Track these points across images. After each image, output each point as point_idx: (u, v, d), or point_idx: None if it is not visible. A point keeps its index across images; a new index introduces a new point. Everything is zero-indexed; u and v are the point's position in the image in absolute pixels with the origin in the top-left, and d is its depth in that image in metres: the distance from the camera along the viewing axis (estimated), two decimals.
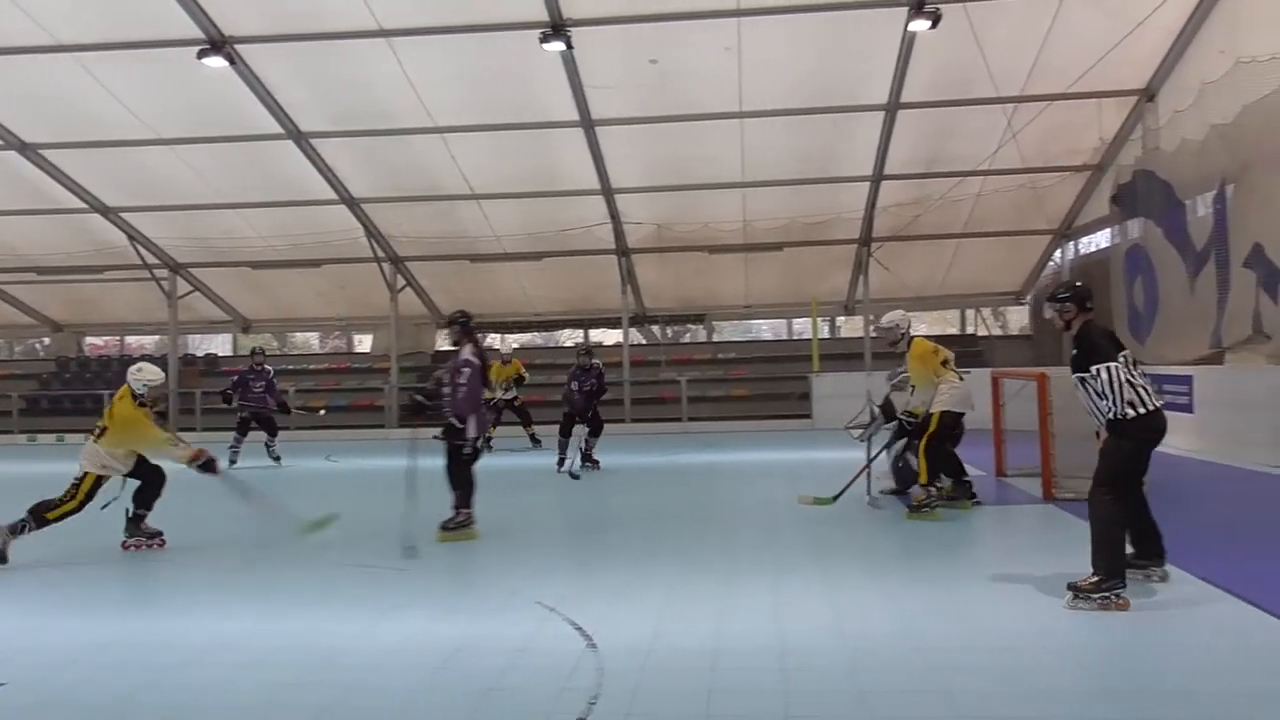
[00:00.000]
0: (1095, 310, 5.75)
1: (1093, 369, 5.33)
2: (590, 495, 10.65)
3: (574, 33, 13.79)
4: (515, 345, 20.36)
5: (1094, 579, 5.19)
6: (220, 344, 26.95)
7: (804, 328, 23.43)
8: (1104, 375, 5.27)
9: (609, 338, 23.85)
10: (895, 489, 9.22)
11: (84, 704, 4.26)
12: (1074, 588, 5.24)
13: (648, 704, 4.04)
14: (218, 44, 14.13)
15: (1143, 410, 5.29)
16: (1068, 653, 4.62)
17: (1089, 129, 16.25)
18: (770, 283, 21.45)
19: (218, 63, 14.33)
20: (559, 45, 13.83)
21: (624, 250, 20.12)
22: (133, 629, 5.53)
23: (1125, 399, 5.24)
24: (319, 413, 16.71)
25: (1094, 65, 13.97)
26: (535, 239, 19.85)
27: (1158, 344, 14.65)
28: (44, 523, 7.29)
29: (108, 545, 7.63)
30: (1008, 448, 10.53)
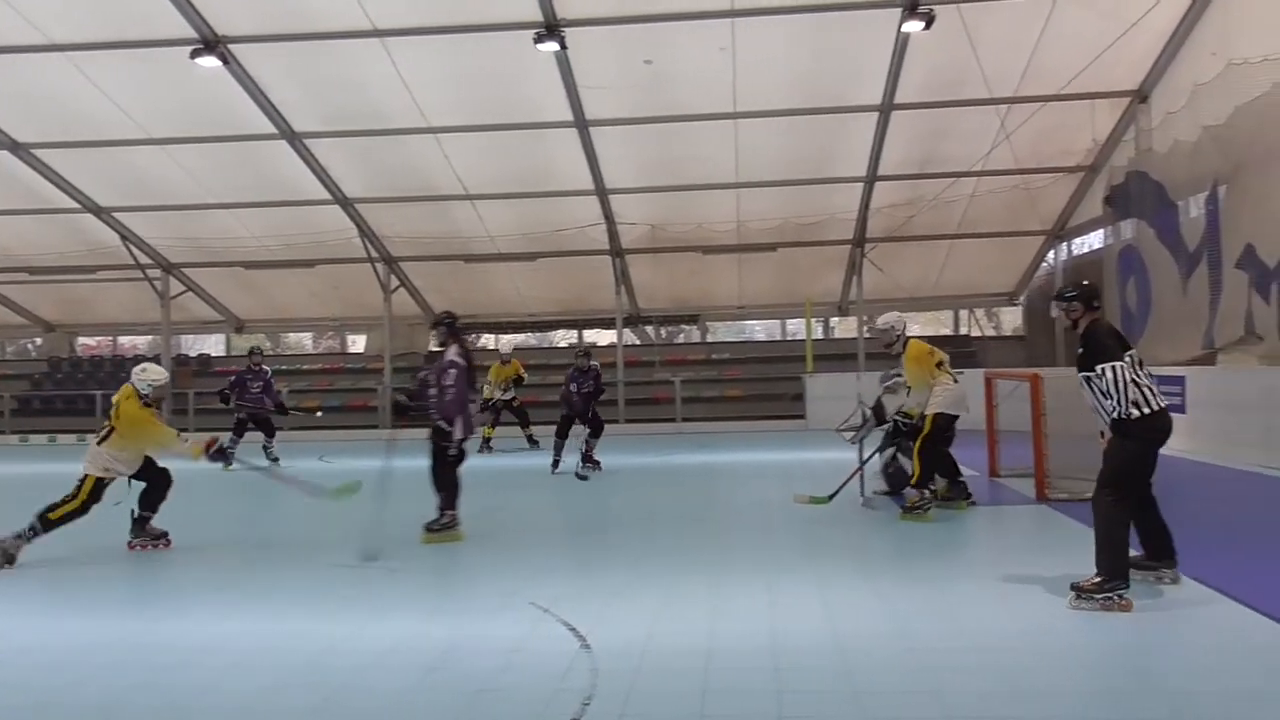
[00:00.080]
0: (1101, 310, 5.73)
1: (1098, 368, 5.32)
2: (585, 496, 10.65)
3: (568, 33, 13.77)
4: (515, 345, 20.34)
5: (1097, 579, 5.20)
6: (213, 344, 26.87)
7: (798, 328, 23.49)
8: (1109, 375, 5.27)
9: (603, 338, 23.83)
10: (888, 491, 9.25)
11: (79, 705, 4.26)
12: (1076, 588, 5.24)
13: (642, 705, 4.04)
14: (211, 43, 14.10)
15: (1147, 410, 5.27)
16: (1062, 653, 4.62)
17: (1082, 130, 16.32)
18: (764, 283, 21.46)
19: (211, 62, 14.30)
20: (553, 46, 13.82)
21: (618, 251, 20.13)
22: (130, 629, 5.53)
23: (1130, 399, 5.24)
24: (315, 414, 16.68)
25: (1087, 66, 14.00)
26: (529, 239, 19.84)
27: (1150, 345, 14.66)
28: (49, 524, 7.29)
29: (107, 545, 7.62)
30: (1001, 448, 10.56)
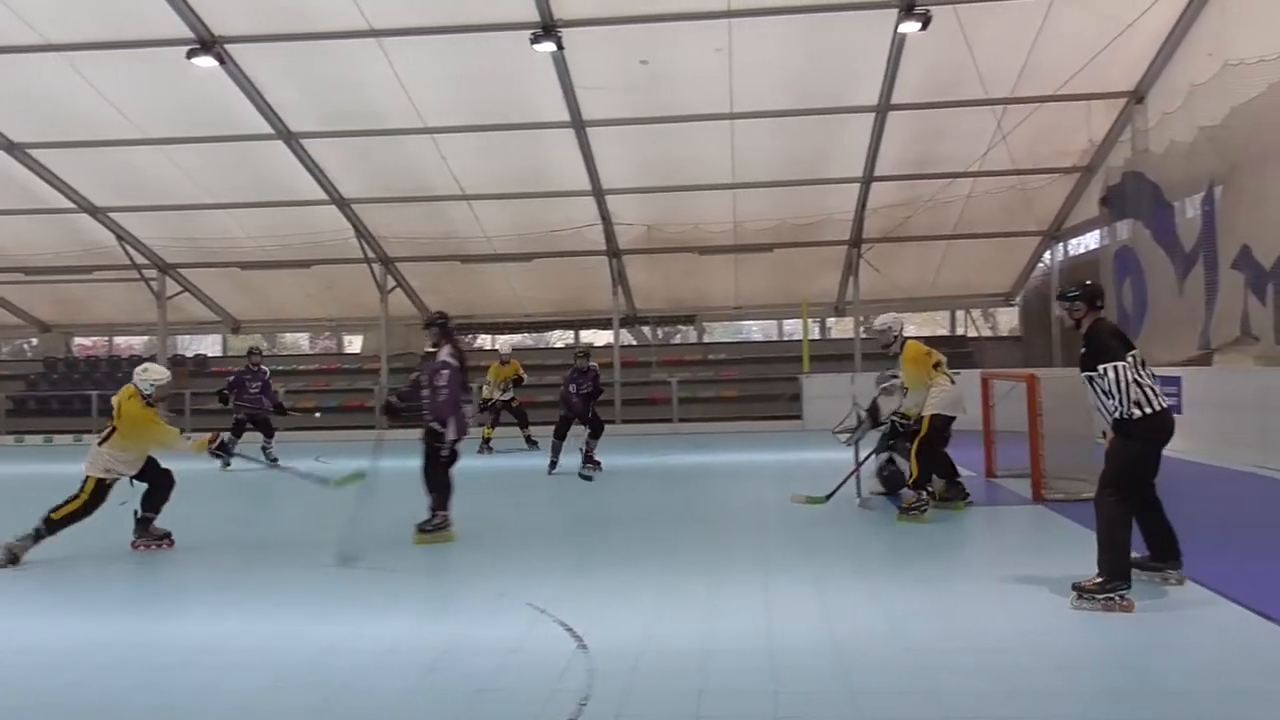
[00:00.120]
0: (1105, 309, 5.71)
1: (1100, 368, 5.32)
2: (581, 496, 10.64)
3: (565, 33, 13.77)
4: (513, 346, 20.30)
5: (1098, 580, 5.20)
6: (210, 345, 26.86)
7: (794, 329, 23.50)
8: (1111, 375, 5.27)
9: (599, 339, 23.82)
10: (884, 492, 9.26)
11: (79, 705, 4.26)
12: (1078, 588, 5.24)
13: (638, 705, 4.04)
14: (207, 44, 14.08)
15: (1149, 410, 5.28)
16: (1058, 653, 4.62)
17: (1078, 131, 16.34)
18: (761, 284, 21.45)
19: (207, 62, 14.28)
20: (550, 46, 13.81)
21: (614, 251, 20.13)
22: (129, 629, 5.52)
23: (1131, 399, 5.24)
24: (314, 415, 16.65)
25: (1083, 67, 14.01)
26: (526, 240, 19.83)
27: (1146, 345, 14.50)
28: (53, 526, 7.29)
29: (106, 546, 7.61)
30: (997, 449, 10.58)
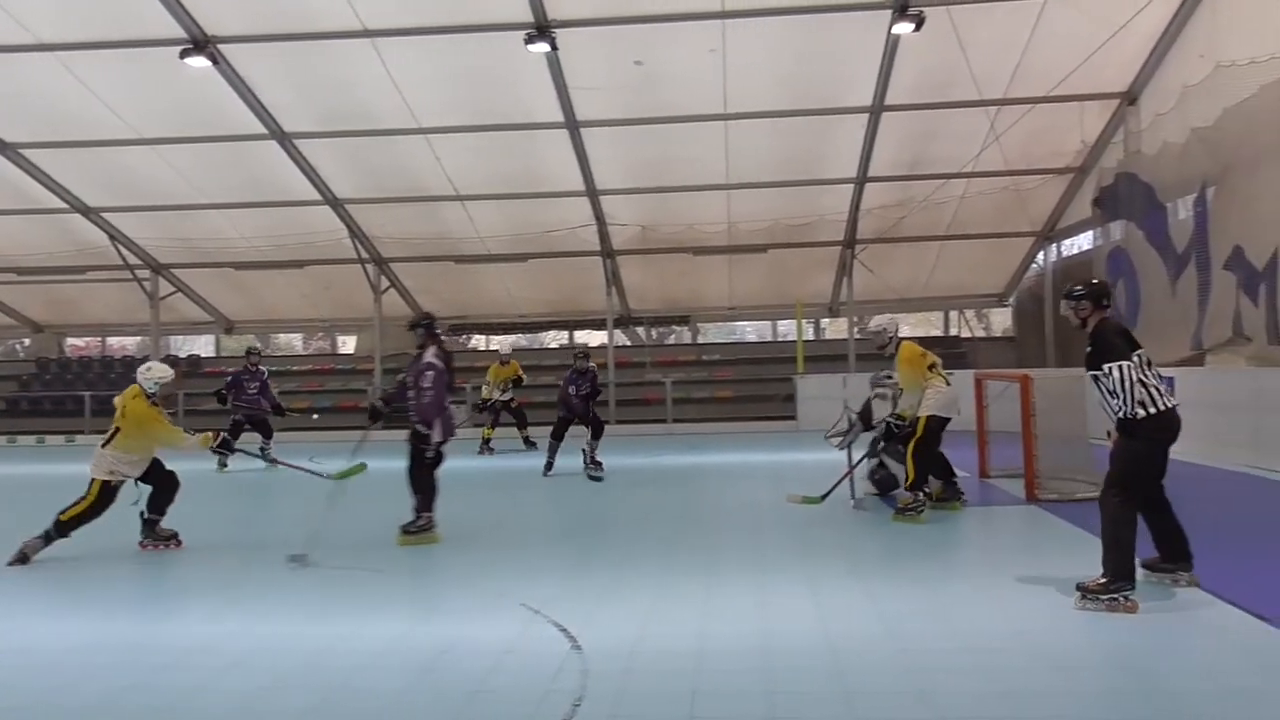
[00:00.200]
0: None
1: (1105, 367, 5.31)
2: (576, 497, 10.63)
3: (559, 34, 13.78)
4: (513, 346, 20.24)
5: (1102, 580, 5.20)
6: (203, 345, 26.81)
7: (788, 329, 23.51)
8: (1115, 374, 5.26)
9: (594, 339, 23.83)
10: (877, 494, 9.28)
11: (75, 706, 4.24)
12: (1082, 588, 5.24)
13: (632, 706, 4.04)
14: (200, 44, 14.06)
15: (1153, 410, 5.26)
16: (1053, 653, 4.62)
17: (1071, 132, 16.38)
18: (755, 284, 21.47)
19: (200, 62, 14.26)
20: (544, 47, 13.82)
21: (609, 252, 20.12)
22: (126, 630, 5.50)
23: (1136, 398, 5.23)
24: (312, 415, 16.61)
25: (1076, 68, 14.05)
26: (520, 240, 19.83)
27: None
28: (62, 527, 7.29)
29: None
30: (991, 449, 10.59)
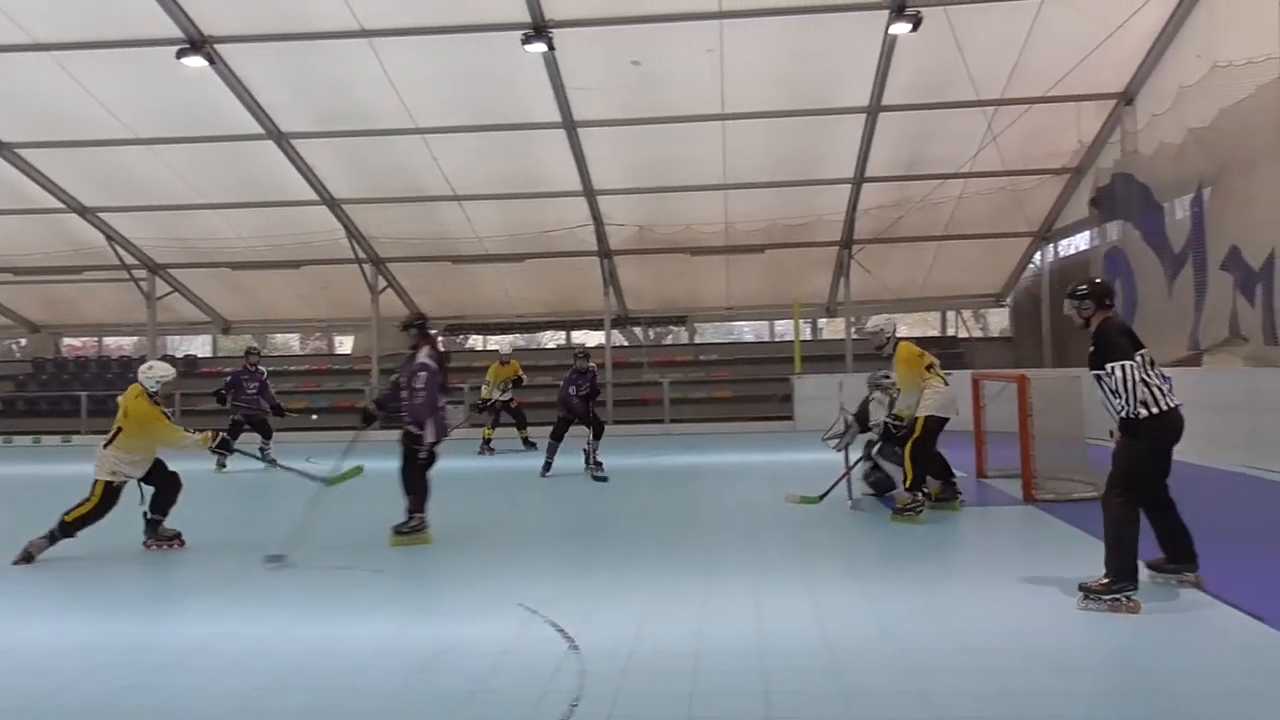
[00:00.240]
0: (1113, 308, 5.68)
1: (1108, 366, 5.30)
2: (573, 497, 10.63)
3: (556, 34, 13.77)
4: (513, 346, 20.20)
5: (1105, 580, 5.19)
6: (200, 345, 26.75)
7: (786, 329, 23.51)
8: (1118, 374, 5.25)
9: (591, 339, 23.80)
10: (874, 494, 9.28)
11: (72, 706, 4.22)
12: (1085, 588, 5.24)
13: (629, 706, 4.03)
14: (197, 43, 14.04)
15: (1155, 410, 5.25)
16: (1050, 653, 4.62)
17: (1068, 132, 16.39)
18: (752, 284, 21.48)
19: (197, 62, 14.24)
20: (541, 47, 13.81)
21: (606, 252, 20.12)
22: (122, 630, 5.48)
23: (1138, 398, 5.22)
24: (312, 416, 16.58)
25: (1073, 69, 14.08)
26: (517, 240, 19.82)
27: None
28: (66, 528, 7.29)
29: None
30: (988, 449, 10.60)
